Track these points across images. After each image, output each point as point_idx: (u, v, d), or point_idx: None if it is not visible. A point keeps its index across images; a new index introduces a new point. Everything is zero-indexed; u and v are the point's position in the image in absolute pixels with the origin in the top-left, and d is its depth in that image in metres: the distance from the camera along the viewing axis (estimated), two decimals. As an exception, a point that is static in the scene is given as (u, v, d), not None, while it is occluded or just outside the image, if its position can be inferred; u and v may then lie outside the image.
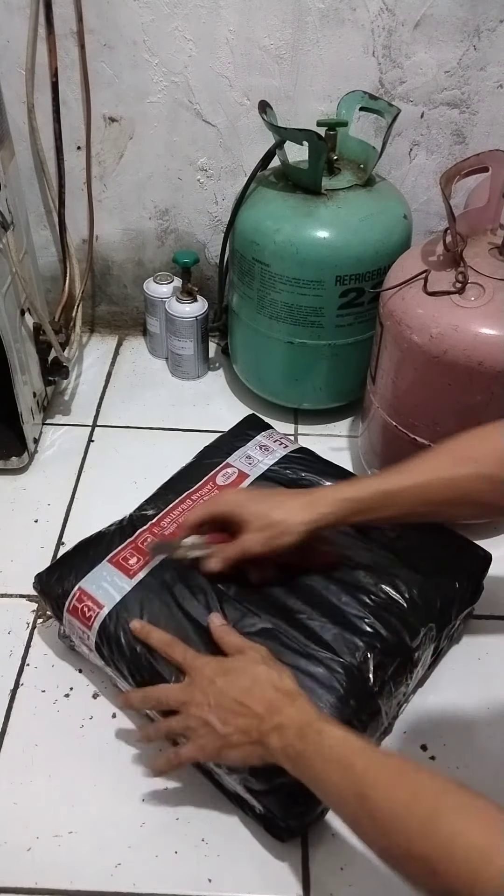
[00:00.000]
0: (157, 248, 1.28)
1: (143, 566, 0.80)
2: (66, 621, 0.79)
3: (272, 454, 0.93)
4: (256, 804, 0.69)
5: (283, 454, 0.94)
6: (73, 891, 0.68)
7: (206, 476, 0.91)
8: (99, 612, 0.76)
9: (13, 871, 0.69)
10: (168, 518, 0.86)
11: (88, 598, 0.78)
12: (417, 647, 0.75)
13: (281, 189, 1.04)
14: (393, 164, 1.16)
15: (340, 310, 1.03)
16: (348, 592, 0.77)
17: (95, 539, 0.85)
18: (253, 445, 0.95)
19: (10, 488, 1.06)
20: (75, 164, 1.17)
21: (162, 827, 0.72)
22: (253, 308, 1.09)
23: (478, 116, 1.11)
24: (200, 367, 1.28)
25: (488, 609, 0.90)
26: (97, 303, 1.35)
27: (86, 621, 0.76)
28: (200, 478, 0.91)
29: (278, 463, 0.93)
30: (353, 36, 1.05)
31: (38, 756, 0.77)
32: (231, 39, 1.06)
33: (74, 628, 0.78)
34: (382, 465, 1.00)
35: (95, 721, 0.80)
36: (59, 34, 1.05)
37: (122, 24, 1.05)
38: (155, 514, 0.87)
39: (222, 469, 0.92)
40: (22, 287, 0.99)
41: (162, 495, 0.90)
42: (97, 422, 1.19)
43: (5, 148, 0.96)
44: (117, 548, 0.82)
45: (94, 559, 0.81)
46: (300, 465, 0.92)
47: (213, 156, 1.17)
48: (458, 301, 0.84)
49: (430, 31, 1.04)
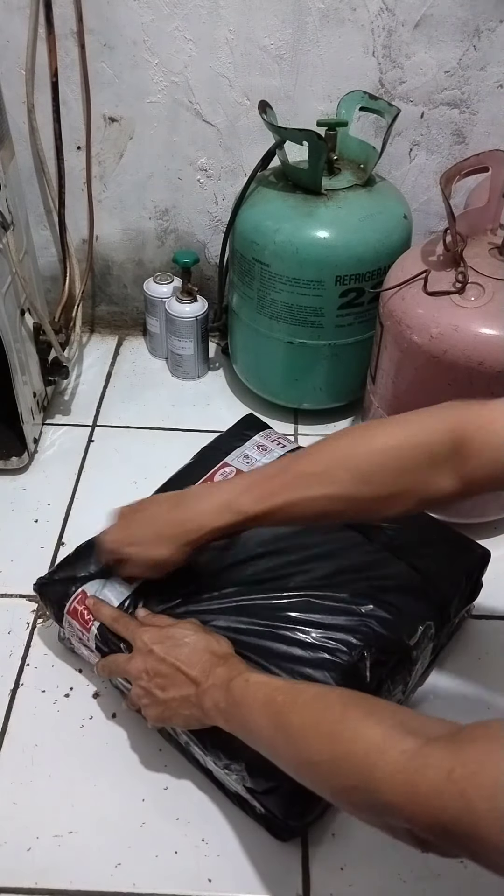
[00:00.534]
0: (157, 248, 1.28)
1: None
2: (66, 622, 0.79)
3: (270, 454, 0.93)
4: (257, 804, 0.69)
5: (281, 453, 0.94)
6: (73, 891, 0.68)
7: (204, 476, 0.91)
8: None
9: (13, 871, 0.69)
10: None
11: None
12: (415, 645, 0.75)
13: (281, 189, 1.04)
14: (393, 164, 1.16)
15: (340, 310, 1.03)
16: (344, 590, 0.77)
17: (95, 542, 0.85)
18: (251, 445, 0.95)
19: (10, 488, 1.06)
20: (75, 164, 1.17)
21: (162, 827, 0.72)
22: (253, 308, 1.09)
23: (478, 116, 1.11)
24: (200, 367, 1.28)
25: (488, 609, 0.90)
26: (97, 303, 1.35)
27: (84, 623, 0.76)
28: (199, 477, 0.91)
29: None
30: (353, 36, 1.05)
31: (38, 756, 0.77)
32: (231, 39, 1.06)
33: (74, 630, 0.78)
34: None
35: (95, 721, 0.80)
36: (59, 34, 1.05)
37: (122, 24, 1.05)
38: None
39: (220, 468, 0.92)
40: (22, 287, 0.99)
41: None
42: (97, 422, 1.19)
43: (5, 148, 0.96)
44: None
45: (95, 562, 0.81)
46: None
47: (213, 156, 1.17)
48: (458, 301, 0.84)
49: (430, 31, 1.04)
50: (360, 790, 0.49)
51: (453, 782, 0.42)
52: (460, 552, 0.85)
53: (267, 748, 0.59)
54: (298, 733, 0.55)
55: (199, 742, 0.70)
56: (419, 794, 0.44)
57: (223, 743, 0.66)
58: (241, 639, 0.72)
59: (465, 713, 0.81)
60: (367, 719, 0.51)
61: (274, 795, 0.66)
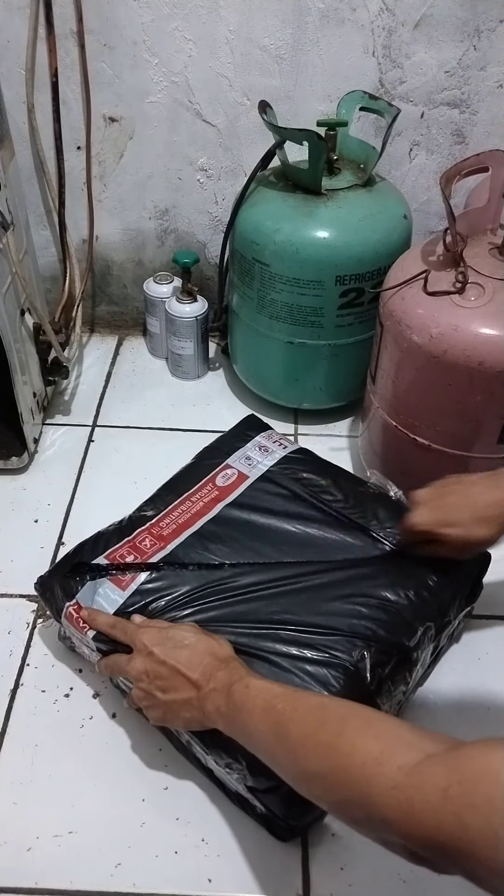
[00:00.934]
0: (157, 248, 1.28)
1: (133, 579, 0.80)
2: (65, 625, 0.79)
3: (271, 455, 0.93)
4: (257, 804, 0.69)
5: (283, 455, 0.94)
6: (73, 891, 0.68)
7: (205, 477, 0.91)
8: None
9: (13, 871, 0.69)
10: (167, 519, 0.86)
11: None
12: (416, 646, 0.75)
13: (281, 189, 1.04)
14: (393, 164, 1.16)
15: (340, 310, 1.03)
16: (345, 593, 0.77)
17: (94, 540, 0.85)
18: (252, 446, 0.95)
19: (10, 488, 1.06)
20: (75, 164, 1.17)
21: (162, 827, 0.72)
22: (253, 308, 1.08)
23: (478, 116, 1.11)
24: (200, 367, 1.28)
25: (488, 609, 0.90)
26: (97, 303, 1.35)
27: (81, 629, 0.77)
28: (200, 479, 0.91)
29: (278, 464, 0.93)
30: (353, 36, 1.05)
31: (38, 756, 0.77)
32: (231, 39, 1.06)
33: (73, 632, 0.79)
34: (382, 465, 1.00)
35: (95, 721, 0.80)
36: (59, 34, 1.05)
37: (122, 24, 1.05)
38: (154, 514, 0.87)
39: (222, 470, 0.92)
40: (22, 287, 0.99)
41: (161, 496, 0.90)
42: (97, 422, 1.19)
43: (5, 148, 0.96)
44: (114, 546, 0.82)
45: (93, 563, 0.81)
46: (299, 466, 0.92)
47: (213, 156, 1.17)
48: (458, 301, 0.84)
49: (430, 31, 1.04)
50: (356, 804, 0.48)
51: (449, 800, 0.41)
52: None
53: (267, 756, 0.59)
54: (297, 744, 0.54)
55: (201, 741, 0.70)
56: (414, 811, 0.43)
57: (224, 742, 0.65)
58: (241, 640, 0.72)
59: (465, 713, 0.82)
60: (365, 732, 0.51)
61: (275, 795, 0.66)
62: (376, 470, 0.93)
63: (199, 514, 0.86)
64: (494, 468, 0.89)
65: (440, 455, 0.91)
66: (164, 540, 0.83)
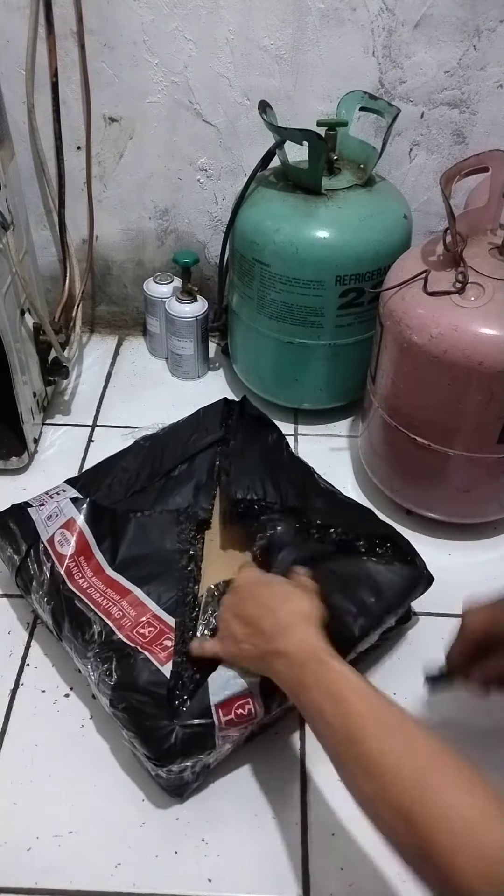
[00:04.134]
0: (157, 248, 1.28)
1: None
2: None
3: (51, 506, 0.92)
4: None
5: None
6: (73, 891, 0.68)
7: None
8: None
9: (13, 871, 0.69)
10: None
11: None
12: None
13: (281, 189, 1.04)
14: (393, 164, 1.16)
15: (340, 310, 1.03)
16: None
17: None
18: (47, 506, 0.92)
19: (10, 488, 1.06)
20: (75, 164, 1.17)
21: (162, 827, 0.72)
22: (253, 308, 1.08)
23: (478, 116, 1.11)
24: (200, 367, 1.28)
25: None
26: (97, 303, 1.35)
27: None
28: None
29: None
30: (353, 36, 1.05)
31: (38, 756, 0.77)
32: (231, 39, 1.06)
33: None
34: (382, 465, 1.00)
35: (95, 721, 0.80)
36: (59, 34, 1.05)
37: (122, 24, 1.05)
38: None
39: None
40: (22, 287, 0.99)
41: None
42: (97, 422, 1.19)
43: (5, 148, 0.96)
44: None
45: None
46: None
47: (213, 156, 1.17)
48: (458, 301, 0.84)
49: (430, 31, 1.04)
50: (429, 857, 0.46)
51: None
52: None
53: (332, 752, 0.57)
54: (376, 766, 0.52)
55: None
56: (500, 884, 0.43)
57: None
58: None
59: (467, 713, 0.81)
60: (455, 781, 0.49)
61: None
62: (376, 470, 0.92)
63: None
64: (494, 468, 0.90)
65: (440, 455, 0.91)
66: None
